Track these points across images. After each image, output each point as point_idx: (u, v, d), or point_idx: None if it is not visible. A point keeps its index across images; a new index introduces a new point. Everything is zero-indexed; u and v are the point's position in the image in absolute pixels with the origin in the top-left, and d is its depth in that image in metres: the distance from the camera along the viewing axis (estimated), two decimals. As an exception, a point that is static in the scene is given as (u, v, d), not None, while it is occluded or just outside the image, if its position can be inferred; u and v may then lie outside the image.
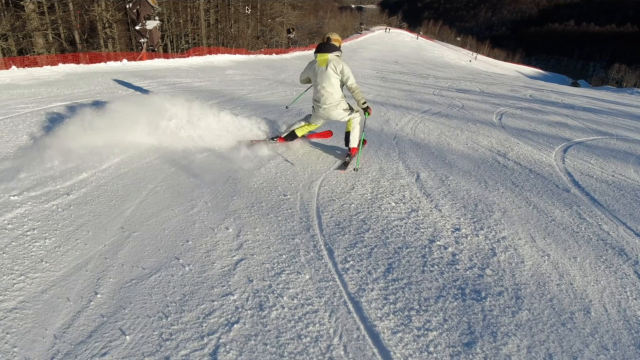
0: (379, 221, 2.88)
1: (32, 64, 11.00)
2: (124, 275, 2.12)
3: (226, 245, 2.41)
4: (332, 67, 3.85)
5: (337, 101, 4.00)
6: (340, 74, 3.88)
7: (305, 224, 2.75)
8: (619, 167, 5.15)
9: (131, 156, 3.94)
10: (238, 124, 4.78)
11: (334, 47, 3.94)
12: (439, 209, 3.22)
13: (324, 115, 4.13)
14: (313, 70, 4.00)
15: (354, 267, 2.28)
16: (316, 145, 4.80)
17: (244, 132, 4.73)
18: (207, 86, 9.40)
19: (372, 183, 3.68)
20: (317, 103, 4.10)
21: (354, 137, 4.25)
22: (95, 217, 2.73)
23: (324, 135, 5.02)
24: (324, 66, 3.88)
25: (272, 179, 3.56)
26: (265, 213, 2.87)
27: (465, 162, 4.71)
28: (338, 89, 3.97)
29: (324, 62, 3.88)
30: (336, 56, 3.92)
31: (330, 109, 4.04)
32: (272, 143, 4.61)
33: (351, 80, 3.89)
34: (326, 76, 3.88)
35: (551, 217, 3.31)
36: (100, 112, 4.50)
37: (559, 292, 2.26)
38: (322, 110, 4.08)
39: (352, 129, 4.23)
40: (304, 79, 4.22)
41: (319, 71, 3.92)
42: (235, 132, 4.68)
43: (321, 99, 4.01)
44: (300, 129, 4.48)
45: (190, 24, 31.15)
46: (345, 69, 3.86)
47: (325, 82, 3.91)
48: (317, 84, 3.98)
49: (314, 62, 4.01)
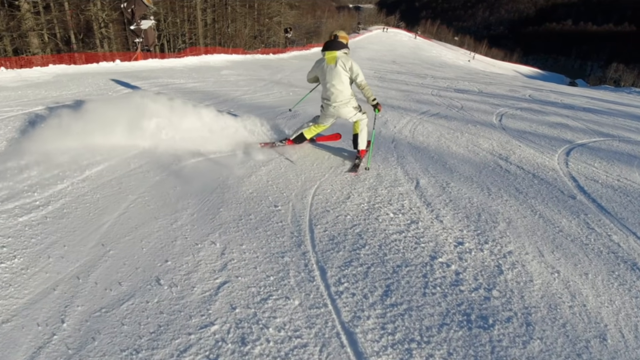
0: (376, 235, 2.68)
1: (28, 64, 10.76)
2: (95, 302, 1.91)
3: (209, 265, 2.21)
4: (341, 64, 3.81)
5: (347, 99, 3.96)
6: (350, 71, 3.84)
7: (297, 239, 2.55)
8: (624, 171, 4.98)
9: (114, 164, 3.73)
10: (237, 125, 4.61)
11: (341, 44, 3.90)
12: (440, 219, 3.02)
13: (333, 113, 4.06)
14: (321, 68, 3.93)
15: (349, 289, 2.08)
16: (312, 148, 4.60)
17: (244, 135, 4.58)
18: (200, 87, 9.18)
19: (369, 191, 3.49)
20: (326, 101, 4.03)
21: (362, 139, 4.20)
22: (69, 233, 2.52)
23: (332, 138, 4.87)
24: (332, 64, 3.83)
25: (263, 188, 3.36)
26: (254, 227, 2.66)
27: (467, 166, 4.52)
28: (348, 86, 3.93)
29: (332, 59, 3.83)
30: (344, 53, 3.88)
31: (340, 107, 3.98)
32: (281, 146, 4.53)
33: (360, 77, 3.87)
34: (335, 73, 3.83)
35: (558, 228, 3.12)
36: (83, 114, 4.29)
37: (572, 315, 2.07)
38: (332, 109, 4.01)
39: (360, 131, 4.18)
40: (312, 78, 4.18)
41: (327, 69, 3.86)
42: (233, 136, 4.50)
43: (331, 97, 3.95)
44: (309, 131, 4.40)
45: (187, 23, 30.89)
46: (354, 66, 3.83)
47: (335, 80, 3.85)
48: (327, 82, 3.91)
49: (321, 60, 3.94)
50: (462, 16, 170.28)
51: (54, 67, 10.83)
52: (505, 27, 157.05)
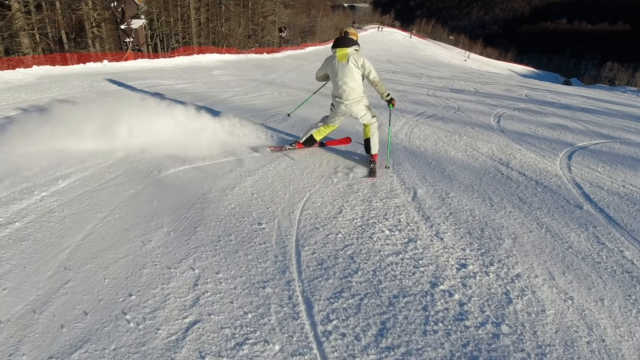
0: (370, 257, 2.42)
1: (18, 65, 10.40)
2: (44, 349, 1.63)
3: (178, 300, 1.93)
4: (353, 62, 3.75)
5: (360, 97, 3.91)
6: (362, 68, 3.80)
7: (281, 264, 2.27)
8: (629, 176, 4.76)
9: (88, 175, 3.44)
10: (216, 125, 4.38)
11: (352, 41, 3.83)
12: (440, 237, 2.77)
13: (345, 111, 3.97)
14: (332, 66, 3.85)
15: (338, 329, 1.81)
16: (303, 155, 4.33)
17: (229, 138, 4.35)
18: (189, 88, 8.87)
19: (362, 204, 3.22)
20: (338, 99, 3.93)
21: (374, 143, 4.11)
22: (27, 260, 2.24)
23: (342, 142, 4.80)
24: (344, 61, 3.76)
25: (246, 202, 3.08)
26: (234, 250, 2.39)
27: (466, 173, 4.27)
28: (360, 83, 3.87)
29: (344, 56, 3.77)
30: (355, 50, 3.83)
31: (353, 105, 3.90)
32: (291, 149, 4.43)
33: (373, 74, 3.85)
34: (348, 71, 3.76)
35: (567, 244, 2.87)
36: (52, 118, 4.00)
37: (591, 354, 1.82)
38: (343, 107, 3.92)
39: (372, 135, 4.09)
40: (322, 76, 4.11)
41: (339, 66, 3.79)
42: (214, 139, 4.26)
43: (343, 95, 3.86)
44: (319, 132, 4.31)
45: (180, 22, 30.49)
46: (366, 63, 3.79)
47: (347, 77, 3.78)
48: (338, 80, 3.83)
49: (332, 57, 3.87)
50: (457, 15, 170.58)
51: (38, 69, 10.47)
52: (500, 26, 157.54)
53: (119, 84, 8.91)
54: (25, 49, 20.02)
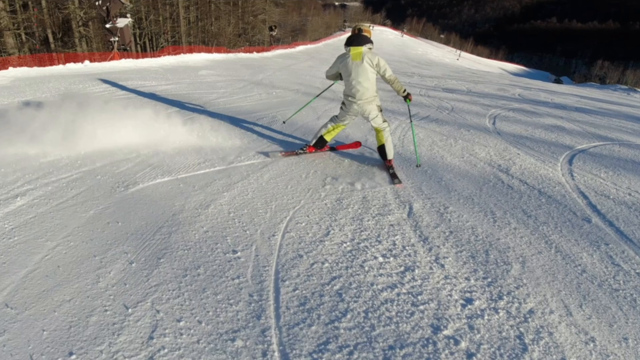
0: (361, 293, 2.08)
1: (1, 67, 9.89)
2: None
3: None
4: (367, 61, 3.66)
5: (373, 96, 3.84)
6: (377, 67, 3.72)
7: (256, 305, 1.92)
8: (633, 182, 4.51)
9: (49, 191, 3.06)
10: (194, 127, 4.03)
11: (366, 39, 3.73)
12: (440, 263, 2.45)
13: (357, 111, 3.89)
14: (345, 64, 3.76)
15: (322, 397, 1.48)
16: (289, 164, 3.99)
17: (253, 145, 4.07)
18: (172, 90, 8.45)
19: (352, 223, 2.89)
20: (350, 99, 3.85)
21: (389, 148, 4.06)
22: (-48, 303, 1.86)
23: (353, 146, 4.75)
24: (359, 60, 3.67)
25: (221, 224, 2.72)
26: (201, 288, 2.03)
27: (465, 182, 3.97)
28: (374, 83, 3.82)
29: (358, 55, 3.67)
30: (369, 49, 3.74)
31: (365, 105, 3.83)
32: (302, 153, 4.35)
33: (389, 72, 3.79)
34: (362, 70, 3.68)
35: (581, 267, 2.58)
36: (8, 120, 3.63)
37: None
38: (356, 106, 3.84)
39: (385, 141, 4.04)
40: (333, 74, 4.02)
41: (353, 65, 3.70)
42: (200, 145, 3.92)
43: (357, 95, 3.78)
44: (328, 133, 4.22)
45: (169, 21, 29.89)
46: (381, 62, 3.72)
47: (362, 77, 3.70)
48: (352, 79, 3.74)
49: (345, 55, 3.78)
50: (447, 14, 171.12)
51: (13, 70, 9.94)
52: (490, 25, 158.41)
53: (97, 86, 8.47)
54: (11, 49, 19.36)
